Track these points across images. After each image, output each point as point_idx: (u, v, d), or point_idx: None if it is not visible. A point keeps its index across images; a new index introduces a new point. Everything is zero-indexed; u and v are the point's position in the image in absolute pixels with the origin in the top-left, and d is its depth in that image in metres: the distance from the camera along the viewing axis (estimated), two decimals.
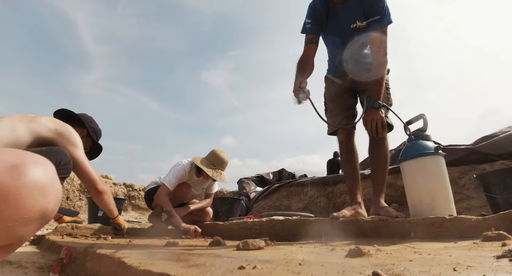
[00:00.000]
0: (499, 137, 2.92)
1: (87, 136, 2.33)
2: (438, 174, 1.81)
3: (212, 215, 3.76)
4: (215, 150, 3.11)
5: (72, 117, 2.30)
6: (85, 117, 2.37)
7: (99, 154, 2.50)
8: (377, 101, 2.04)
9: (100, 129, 2.46)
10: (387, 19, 2.06)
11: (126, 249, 1.29)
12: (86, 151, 2.40)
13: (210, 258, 0.91)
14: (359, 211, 2.13)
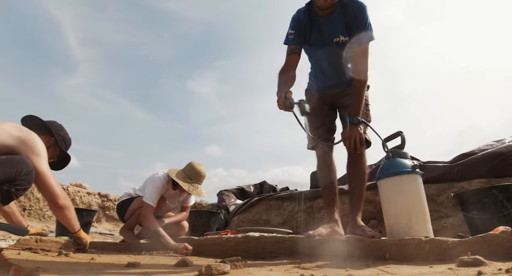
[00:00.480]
0: (477, 155, 2.94)
1: (55, 144, 2.21)
2: (415, 193, 1.77)
3: (188, 229, 3.64)
4: (192, 163, 3.00)
5: (40, 125, 2.18)
6: (54, 125, 2.25)
7: (66, 164, 2.37)
8: (356, 117, 2.01)
9: (70, 138, 2.34)
10: (369, 36, 2.04)
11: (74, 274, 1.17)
12: (53, 160, 2.27)
13: None
14: (335, 229, 2.06)
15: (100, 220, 5.71)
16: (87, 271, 1.27)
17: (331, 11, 2.06)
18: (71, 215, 1.97)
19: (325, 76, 2.31)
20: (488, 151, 2.91)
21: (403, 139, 2.00)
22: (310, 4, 2.14)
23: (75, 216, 2.04)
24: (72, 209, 1.99)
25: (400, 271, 1.28)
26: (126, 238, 3.13)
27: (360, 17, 2.03)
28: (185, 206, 3.34)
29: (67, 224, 2.02)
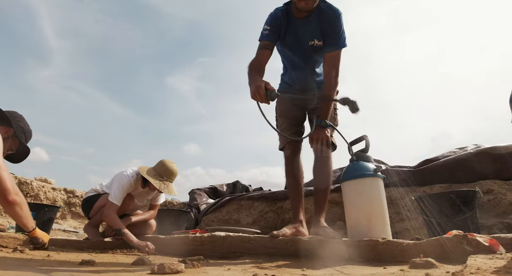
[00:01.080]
0: (439, 161, 3.06)
1: (13, 136, 2.11)
2: (376, 196, 1.81)
3: (156, 228, 3.57)
4: (164, 161, 2.95)
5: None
6: (13, 116, 2.15)
7: (25, 157, 2.27)
8: (324, 120, 2.04)
9: (31, 130, 2.24)
10: (342, 43, 2.09)
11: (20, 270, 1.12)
12: (12, 153, 2.17)
13: None
14: (300, 229, 2.08)
15: (65, 217, 5.51)
16: (36, 268, 1.22)
17: (308, 14, 2.08)
18: (22, 213, 1.87)
19: (297, 78, 2.33)
20: (450, 158, 3.04)
21: (367, 143, 2.05)
22: (289, 5, 2.16)
23: (28, 214, 1.93)
24: (24, 206, 1.89)
25: (354, 271, 1.30)
26: (90, 236, 3.04)
27: (335, 23, 2.07)
28: (154, 205, 3.27)
29: (19, 222, 1.92)
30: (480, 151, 2.90)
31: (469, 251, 1.38)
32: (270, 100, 1.74)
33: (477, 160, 2.82)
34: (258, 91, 1.72)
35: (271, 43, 2.12)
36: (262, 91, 1.72)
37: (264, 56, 2.10)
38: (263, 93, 1.72)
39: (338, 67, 2.11)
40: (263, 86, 1.72)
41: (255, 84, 1.78)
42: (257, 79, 1.84)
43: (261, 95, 1.72)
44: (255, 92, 1.74)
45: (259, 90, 1.72)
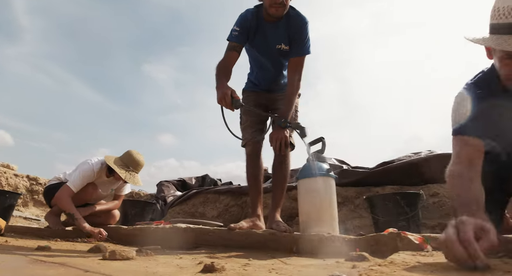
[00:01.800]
0: (393, 164, 3.27)
1: None
2: (326, 194, 1.95)
3: (120, 218, 3.58)
4: (131, 151, 2.97)
5: None
6: None
7: None
8: (284, 121, 2.15)
9: None
10: (306, 50, 2.21)
11: None
12: None
13: (53, 268, 0.87)
14: (257, 223, 2.19)
15: (27, 204, 5.37)
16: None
17: (278, 19, 2.18)
18: None
19: (263, 79, 2.43)
20: (403, 161, 3.25)
21: (323, 144, 2.18)
22: (259, 7, 2.24)
23: None
24: None
25: (296, 262, 1.43)
26: (51, 224, 3.02)
27: (301, 30, 2.18)
28: (118, 195, 3.28)
29: None
30: (430, 157, 3.13)
31: (401, 247, 1.54)
32: (235, 108, 1.90)
33: (426, 165, 3.04)
34: (224, 98, 1.87)
35: (239, 45, 2.21)
36: (229, 99, 1.86)
37: (231, 58, 2.19)
38: (229, 101, 1.86)
39: (301, 72, 2.22)
40: (229, 94, 1.87)
41: (222, 90, 1.91)
42: (224, 85, 1.97)
43: (227, 102, 1.87)
44: (221, 98, 1.88)
45: (226, 97, 1.86)
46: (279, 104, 2.35)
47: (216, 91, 1.98)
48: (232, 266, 1.10)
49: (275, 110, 2.35)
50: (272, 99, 2.42)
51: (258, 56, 2.36)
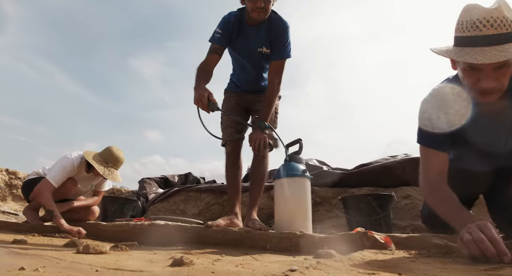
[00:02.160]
0: (369, 166, 3.38)
1: None
2: (300, 194, 2.02)
3: (100, 215, 3.58)
4: (111, 147, 2.97)
5: None
6: None
7: None
8: (264, 122, 2.21)
9: None
10: (287, 54, 2.27)
11: None
12: None
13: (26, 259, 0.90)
14: (234, 221, 2.25)
15: (5, 198, 5.28)
16: None
17: (260, 23, 2.24)
18: None
19: (244, 80, 2.49)
20: (379, 164, 3.37)
21: (300, 146, 2.25)
22: (242, 11, 2.29)
23: None
24: None
25: (266, 259, 1.49)
26: (29, 219, 3.00)
27: (282, 35, 2.24)
28: (98, 191, 3.28)
29: None
30: (404, 160, 3.26)
31: (368, 246, 1.63)
32: (211, 111, 1.95)
33: (401, 168, 3.16)
34: (201, 100, 1.92)
35: (220, 47, 2.26)
36: (205, 101, 1.92)
37: (212, 60, 2.24)
38: (206, 103, 1.92)
39: (281, 75, 2.29)
40: (206, 96, 1.93)
41: (200, 92, 1.97)
42: (201, 87, 2.02)
43: (204, 104, 1.93)
44: (198, 100, 1.94)
45: (203, 99, 1.92)
46: (259, 105, 2.41)
47: (193, 92, 2.02)
48: (202, 261, 1.16)
49: (255, 111, 2.41)
50: (253, 100, 2.48)
51: (239, 59, 2.42)
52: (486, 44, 1.16)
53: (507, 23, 1.15)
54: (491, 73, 1.20)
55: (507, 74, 1.22)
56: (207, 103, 1.94)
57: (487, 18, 1.16)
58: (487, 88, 1.23)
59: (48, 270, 0.73)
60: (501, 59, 1.12)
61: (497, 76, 1.21)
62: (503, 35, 1.15)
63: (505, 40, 1.15)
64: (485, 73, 1.21)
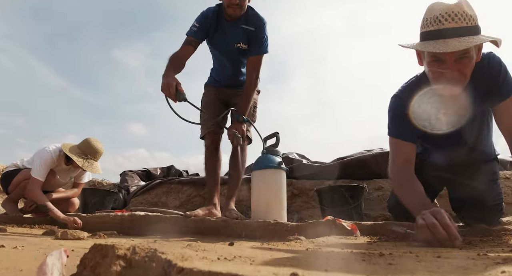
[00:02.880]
0: (346, 159, 3.52)
1: None
2: (276, 185, 2.12)
3: (80, 207, 3.58)
4: (89, 139, 2.99)
5: None
6: None
7: None
8: (241, 116, 2.29)
9: None
10: (264, 49, 2.34)
11: None
12: None
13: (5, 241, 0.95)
14: (213, 211, 2.33)
15: None
16: None
17: (237, 18, 2.29)
18: None
19: (223, 75, 2.55)
20: (354, 157, 3.51)
21: (277, 139, 2.34)
22: (221, 6, 2.34)
23: None
24: None
25: (240, 245, 1.57)
26: (8, 211, 3.01)
27: (259, 31, 2.30)
28: (77, 183, 3.29)
29: None
30: (378, 154, 3.40)
31: (335, 232, 1.74)
32: (178, 101, 1.99)
33: (374, 161, 3.30)
34: (169, 88, 1.95)
35: (196, 40, 2.30)
36: (173, 89, 1.96)
37: (186, 51, 2.28)
38: (173, 91, 1.96)
39: (259, 70, 2.36)
40: (174, 85, 1.96)
41: (168, 79, 1.99)
42: (170, 75, 2.05)
43: (171, 93, 1.96)
44: (165, 88, 1.97)
45: (170, 88, 1.95)
46: (238, 99, 2.48)
47: (162, 79, 2.04)
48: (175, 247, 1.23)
49: (234, 105, 2.48)
50: (232, 95, 2.55)
51: (217, 54, 2.48)
52: (448, 36, 1.25)
53: (467, 18, 1.25)
54: (454, 65, 1.29)
55: (469, 66, 1.31)
56: (174, 92, 1.97)
57: (449, 12, 1.25)
58: (451, 78, 1.32)
59: (26, 248, 0.79)
60: (461, 48, 1.20)
61: (459, 67, 1.30)
62: (463, 28, 1.24)
63: (465, 32, 1.24)
64: (448, 64, 1.30)
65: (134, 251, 0.55)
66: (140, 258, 0.53)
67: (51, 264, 0.51)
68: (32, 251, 0.76)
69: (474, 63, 1.34)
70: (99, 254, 0.55)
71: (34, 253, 0.74)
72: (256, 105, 2.57)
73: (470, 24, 1.25)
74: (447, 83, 1.35)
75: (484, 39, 1.25)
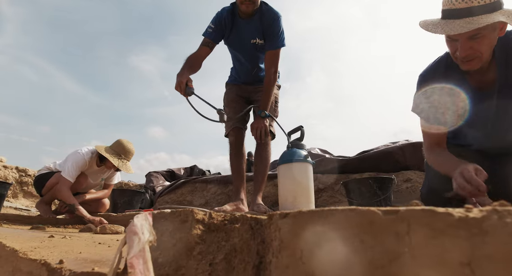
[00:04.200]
0: (370, 152, 3.46)
1: None
2: (303, 178, 2.10)
3: (110, 207, 3.69)
4: (121, 140, 3.07)
5: None
6: None
7: None
8: (263, 111, 2.29)
9: None
10: (280, 43, 2.33)
11: None
12: None
13: (49, 233, 1.00)
14: (240, 207, 2.34)
15: (16, 195, 5.42)
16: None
17: (252, 15, 2.30)
18: None
19: (242, 73, 2.58)
20: (379, 150, 3.44)
21: (302, 133, 2.33)
22: (234, 5, 2.36)
23: None
24: None
25: None
26: (42, 212, 3.12)
27: (274, 25, 2.30)
28: (108, 184, 3.39)
29: None
30: (404, 145, 3.33)
31: None
32: (187, 95, 2.06)
33: (401, 153, 3.23)
34: (179, 85, 2.05)
35: (211, 42, 2.35)
36: (183, 86, 2.04)
37: (202, 52, 2.34)
38: (183, 87, 2.04)
39: (277, 64, 2.36)
40: (184, 82, 2.04)
41: (180, 78, 2.08)
42: (183, 73, 2.12)
43: (182, 89, 2.04)
44: (177, 85, 2.07)
45: (181, 85, 2.04)
46: (258, 95, 2.49)
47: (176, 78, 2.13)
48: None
49: (256, 101, 2.49)
50: (252, 91, 2.57)
51: (235, 52, 2.51)
52: (457, 17, 1.25)
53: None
54: (466, 43, 1.29)
55: (483, 44, 1.29)
56: (184, 88, 2.05)
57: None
58: (463, 56, 1.32)
59: (74, 238, 0.82)
60: (464, 31, 1.20)
61: (472, 45, 1.29)
62: (474, 8, 1.23)
63: (476, 12, 1.23)
64: (460, 43, 1.30)
65: (210, 216, 0.56)
66: (219, 222, 0.55)
67: (140, 224, 0.53)
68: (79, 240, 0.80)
69: (493, 39, 1.31)
70: (178, 220, 0.57)
71: (82, 242, 0.78)
72: (277, 100, 2.57)
73: (484, 2, 1.23)
74: (462, 60, 1.35)
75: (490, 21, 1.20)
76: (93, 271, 0.57)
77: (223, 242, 0.55)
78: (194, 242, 0.53)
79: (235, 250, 0.55)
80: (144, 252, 0.47)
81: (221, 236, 0.53)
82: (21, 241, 0.78)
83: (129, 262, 0.45)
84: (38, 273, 0.60)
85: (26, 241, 0.76)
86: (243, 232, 0.53)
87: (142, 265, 0.45)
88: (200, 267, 0.53)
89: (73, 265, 0.61)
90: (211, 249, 0.54)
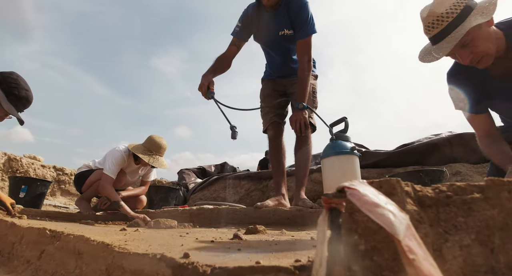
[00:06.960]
0: (413, 145, 3.28)
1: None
2: (350, 170, 1.99)
3: (146, 204, 3.71)
4: (152, 136, 3.07)
5: None
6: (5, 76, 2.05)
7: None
8: (301, 103, 2.19)
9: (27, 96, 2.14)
10: (310, 30, 2.24)
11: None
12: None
13: (101, 226, 0.96)
14: (282, 202, 2.27)
15: (54, 193, 5.61)
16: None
17: (277, 7, 2.23)
18: None
19: (275, 66, 2.51)
20: (423, 142, 3.26)
21: (346, 124, 2.21)
22: (260, 0, 2.29)
23: None
24: None
25: None
26: (82, 209, 3.16)
27: (301, 12, 2.21)
28: (145, 181, 3.41)
29: None
30: (451, 137, 3.13)
31: None
32: (208, 98, 2.13)
33: (448, 145, 3.04)
34: (202, 87, 2.13)
35: (239, 40, 2.35)
36: (205, 88, 2.12)
37: (230, 52, 2.37)
38: (205, 90, 2.12)
39: (310, 52, 2.26)
40: (206, 85, 2.12)
41: (202, 80, 2.16)
42: (207, 75, 2.19)
43: (203, 91, 2.13)
44: (199, 87, 2.15)
45: (203, 87, 2.12)
46: (294, 88, 2.40)
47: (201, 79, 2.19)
48: (271, 232, 1.18)
49: (293, 94, 2.41)
50: (288, 84, 2.49)
51: (265, 47, 2.45)
52: (439, 40, 1.39)
53: (442, 19, 1.36)
54: (463, 52, 1.38)
55: (478, 44, 1.35)
56: (206, 91, 2.11)
57: (429, 23, 1.40)
58: (467, 63, 1.41)
59: (146, 231, 0.77)
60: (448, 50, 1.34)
61: (470, 50, 1.37)
62: (445, 29, 1.36)
63: (450, 30, 1.35)
64: (458, 55, 1.40)
65: (415, 189, 0.46)
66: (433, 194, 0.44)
67: (370, 191, 0.43)
68: (158, 233, 0.74)
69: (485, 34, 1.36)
70: (383, 192, 0.46)
71: (161, 234, 0.72)
72: (315, 91, 2.47)
73: (452, 18, 1.33)
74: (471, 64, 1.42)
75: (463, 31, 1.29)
76: (258, 264, 0.47)
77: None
78: (415, 220, 0.43)
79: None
80: (411, 229, 0.38)
81: (457, 212, 0.43)
82: (101, 234, 0.73)
83: (404, 245, 0.36)
84: (154, 270, 0.51)
85: (105, 235, 0.71)
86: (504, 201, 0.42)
87: (419, 248, 0.36)
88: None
89: (202, 259, 0.53)
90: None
